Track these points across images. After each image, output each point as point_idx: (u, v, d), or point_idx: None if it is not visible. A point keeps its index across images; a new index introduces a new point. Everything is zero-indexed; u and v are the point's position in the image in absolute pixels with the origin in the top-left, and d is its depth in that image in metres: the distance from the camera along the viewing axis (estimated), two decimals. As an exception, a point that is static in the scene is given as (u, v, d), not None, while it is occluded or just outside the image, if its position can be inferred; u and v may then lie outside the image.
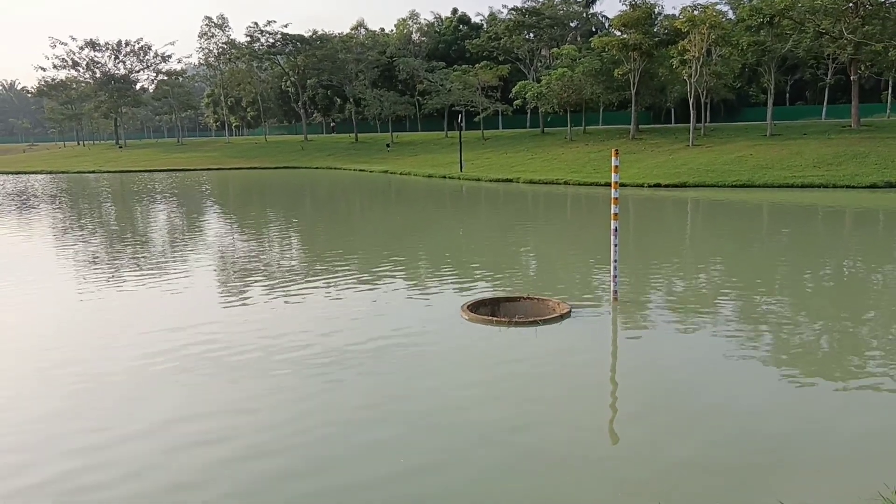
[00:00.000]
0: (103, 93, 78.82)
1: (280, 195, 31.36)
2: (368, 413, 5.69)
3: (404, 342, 7.46)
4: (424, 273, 11.62)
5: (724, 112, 56.74)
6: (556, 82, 44.06)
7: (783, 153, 30.24)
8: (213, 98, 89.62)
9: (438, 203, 25.93)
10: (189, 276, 11.67)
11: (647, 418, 5.54)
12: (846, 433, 5.16)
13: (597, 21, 69.39)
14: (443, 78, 58.95)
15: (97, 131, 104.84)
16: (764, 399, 5.81)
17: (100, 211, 25.16)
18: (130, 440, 5.27)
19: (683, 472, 4.65)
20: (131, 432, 5.40)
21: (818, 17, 35.55)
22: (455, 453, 4.97)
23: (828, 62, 45.32)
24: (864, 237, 15.63)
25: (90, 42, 78.79)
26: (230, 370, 6.71)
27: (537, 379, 6.45)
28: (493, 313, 8.52)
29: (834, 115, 48.33)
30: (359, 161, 49.55)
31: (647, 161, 32.97)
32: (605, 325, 8.16)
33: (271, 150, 62.80)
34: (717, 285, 10.21)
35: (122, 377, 6.62)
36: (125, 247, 15.46)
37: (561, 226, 19.10)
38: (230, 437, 5.30)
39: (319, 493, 4.52)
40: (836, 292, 9.84)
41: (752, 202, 21.97)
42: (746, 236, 15.85)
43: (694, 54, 35.42)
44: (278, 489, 4.54)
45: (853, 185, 24.24)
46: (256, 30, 68.07)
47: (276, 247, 15.26)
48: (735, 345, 7.18)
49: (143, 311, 9.26)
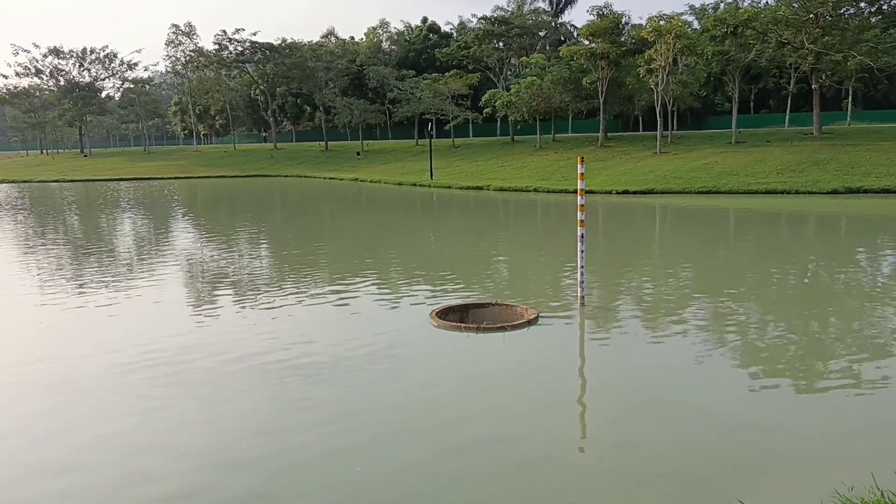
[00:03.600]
0: (67, 101, 77.42)
1: (249, 204, 31.05)
2: (334, 421, 5.60)
3: (372, 350, 7.39)
4: (394, 280, 11.56)
5: (691, 120, 57.62)
6: (525, 91, 44.36)
7: (748, 160, 30.79)
8: (180, 106, 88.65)
9: (409, 211, 25.89)
10: (154, 287, 11.45)
11: (616, 423, 5.55)
12: (815, 435, 5.22)
13: (565, 30, 70.14)
14: (413, 86, 59.01)
15: (61, 140, 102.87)
16: (734, 403, 5.85)
17: (63, 221, 24.66)
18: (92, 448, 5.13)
19: (654, 478, 4.65)
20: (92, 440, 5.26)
21: (780, 27, 36.36)
22: (421, 462, 4.92)
23: (790, 71, 46.29)
24: (827, 242, 15.93)
25: (54, 49, 77.34)
26: (200, 384, 6.58)
27: (505, 385, 6.43)
28: (462, 320, 8.49)
29: (796, 122, 49.36)
30: (329, 169, 49.32)
31: (615, 168, 33.31)
32: (572, 331, 8.17)
33: (240, 159, 62.22)
34: (684, 290, 10.31)
35: (89, 388, 6.46)
36: (89, 259, 15.14)
37: (531, 233, 19.19)
38: (195, 450, 5.19)
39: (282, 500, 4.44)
40: (801, 296, 10.00)
41: (717, 208, 22.30)
42: (713, 242, 16.07)
43: (660, 63, 35.93)
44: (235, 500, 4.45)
45: (815, 191, 24.72)
46: (225, 38, 67.44)
47: (244, 256, 15.08)
48: (702, 349, 7.25)
49: (107, 324, 9.06)
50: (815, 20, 35.61)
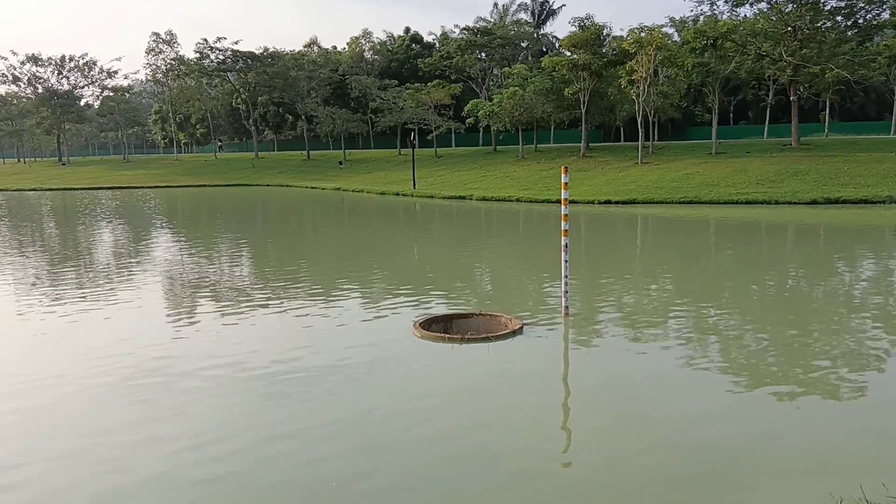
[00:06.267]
0: (45, 108, 76.55)
1: (230, 213, 30.79)
2: (315, 432, 5.51)
3: (355, 361, 7.29)
4: (377, 291, 11.47)
5: (671, 131, 58.20)
6: (507, 101, 44.54)
7: (728, 171, 31.08)
8: (161, 115, 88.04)
9: (392, 220, 25.80)
10: (133, 298, 11.26)
11: (602, 432, 5.50)
12: (799, 443, 5.20)
13: (547, 41, 70.70)
14: (395, 96, 59.03)
15: (39, 148, 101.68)
16: (717, 411, 5.84)
17: (41, 230, 24.28)
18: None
19: (640, 486, 4.60)
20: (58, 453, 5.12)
21: (759, 40, 36.87)
22: (405, 474, 4.84)
23: (769, 83, 46.89)
24: (806, 251, 16.07)
25: (32, 57, 76.51)
26: (179, 393, 6.45)
27: (491, 396, 6.36)
28: (446, 330, 8.42)
29: (775, 134, 50.01)
30: (311, 178, 49.13)
31: (597, 178, 33.48)
32: (556, 341, 8.13)
33: (221, 168, 61.80)
34: (667, 299, 10.32)
35: (67, 397, 6.30)
36: (66, 268, 14.89)
37: (514, 242, 19.18)
38: (159, 468, 5.07)
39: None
40: (781, 304, 10.04)
41: (698, 218, 22.45)
42: (694, 251, 16.15)
43: (641, 74, 36.23)
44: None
45: (794, 201, 24.98)
46: (206, 46, 67.09)
47: (225, 266, 14.91)
48: (685, 358, 7.23)
49: (85, 334, 8.89)
50: (792, 33, 36.15)
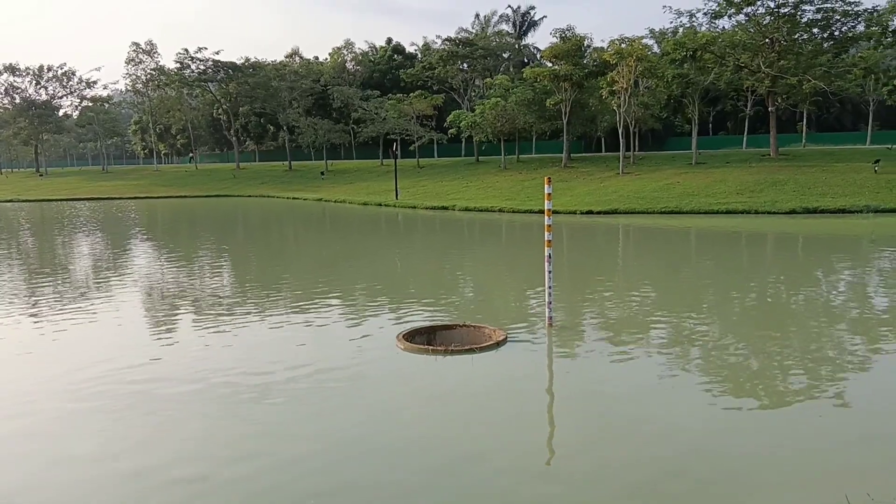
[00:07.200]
0: (23, 119, 75.71)
1: (211, 224, 30.55)
2: (298, 445, 5.43)
3: (338, 373, 7.22)
4: (360, 302, 11.39)
5: (652, 141, 58.61)
6: (489, 111, 44.67)
7: (708, 181, 31.36)
8: (140, 125, 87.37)
9: (374, 231, 25.73)
10: (112, 311, 11.10)
11: (587, 444, 5.47)
12: (783, 453, 5.20)
13: (529, 52, 71.04)
14: (378, 106, 58.98)
15: (16, 158, 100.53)
16: (702, 421, 5.84)
17: (17, 242, 23.92)
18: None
19: (623, 496, 4.58)
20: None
21: (737, 51, 37.36)
22: (388, 487, 4.77)
23: (747, 94, 47.45)
24: (785, 260, 16.21)
25: (9, 66, 75.79)
26: (159, 407, 6.33)
27: (475, 408, 6.32)
28: (429, 342, 8.37)
29: (754, 144, 50.57)
30: (293, 189, 48.92)
31: (579, 189, 33.65)
32: (540, 352, 8.11)
33: (202, 179, 61.35)
34: (649, 309, 10.34)
35: (46, 418, 6.17)
36: (43, 281, 14.66)
37: (497, 253, 19.18)
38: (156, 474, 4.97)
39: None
40: (761, 314, 10.10)
41: (679, 228, 22.61)
42: (676, 261, 16.23)
43: (622, 85, 36.53)
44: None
45: (773, 210, 25.24)
46: (186, 56, 66.69)
47: (206, 278, 14.76)
48: (668, 368, 7.23)
49: (63, 350, 8.73)
50: (770, 45, 36.67)
